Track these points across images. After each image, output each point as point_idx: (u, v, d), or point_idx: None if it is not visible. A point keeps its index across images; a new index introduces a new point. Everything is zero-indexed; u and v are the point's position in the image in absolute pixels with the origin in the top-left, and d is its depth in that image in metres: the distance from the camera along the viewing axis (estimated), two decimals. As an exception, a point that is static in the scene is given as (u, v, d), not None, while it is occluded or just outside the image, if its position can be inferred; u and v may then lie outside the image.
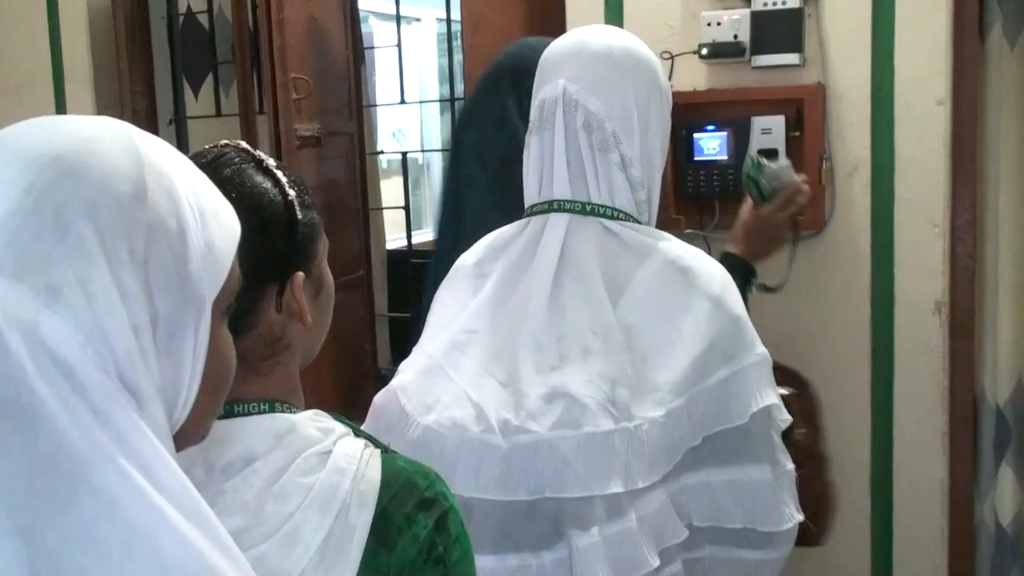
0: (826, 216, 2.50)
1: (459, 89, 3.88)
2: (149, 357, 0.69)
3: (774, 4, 2.44)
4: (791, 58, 2.45)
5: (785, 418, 1.36)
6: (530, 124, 1.43)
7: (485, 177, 1.81)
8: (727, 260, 1.80)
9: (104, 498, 0.64)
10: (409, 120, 7.01)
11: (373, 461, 0.96)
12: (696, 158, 2.56)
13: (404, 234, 4.15)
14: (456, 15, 3.50)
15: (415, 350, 1.44)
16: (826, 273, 2.50)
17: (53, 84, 3.57)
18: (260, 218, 0.99)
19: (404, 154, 4.25)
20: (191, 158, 1.00)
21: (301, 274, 1.01)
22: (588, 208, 1.37)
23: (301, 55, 3.22)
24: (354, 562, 0.92)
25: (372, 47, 4.53)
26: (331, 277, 1.10)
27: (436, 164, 7.28)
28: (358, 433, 1.00)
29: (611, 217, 1.38)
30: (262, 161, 1.03)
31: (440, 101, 6.87)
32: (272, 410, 1.00)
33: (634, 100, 1.38)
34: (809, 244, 2.49)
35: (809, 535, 1.44)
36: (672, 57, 2.58)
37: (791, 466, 1.36)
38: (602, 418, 1.25)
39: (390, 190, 4.56)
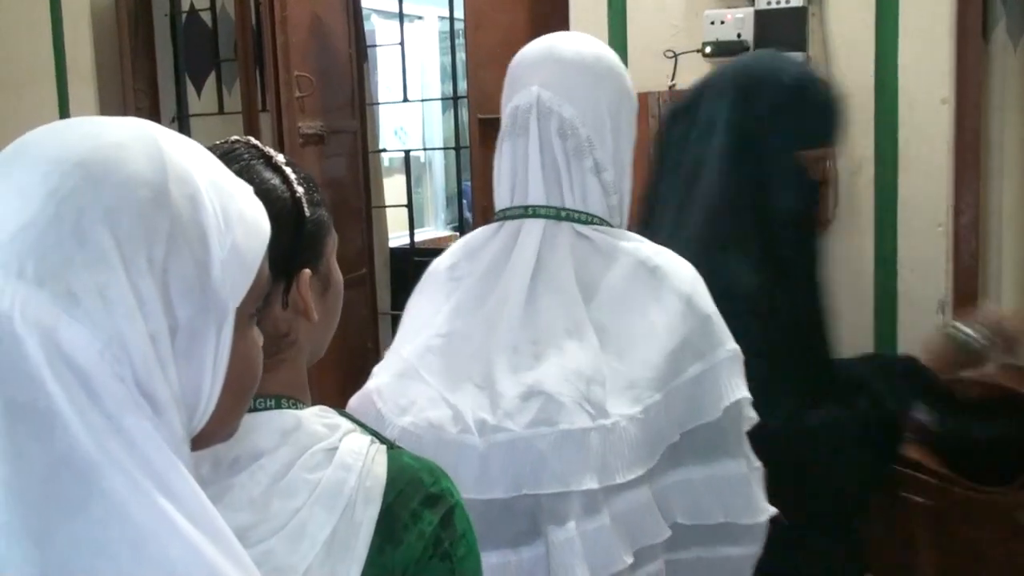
0: (830, 214, 2.49)
1: (461, 87, 3.88)
2: (167, 364, 0.69)
3: (778, 3, 2.44)
4: (794, 57, 2.44)
5: (751, 416, 1.37)
6: (501, 130, 1.43)
7: (675, 178, 1.77)
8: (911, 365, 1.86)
9: (114, 504, 0.64)
10: (411, 118, 7.02)
11: (379, 457, 0.96)
12: (699, 156, 2.56)
13: (407, 232, 4.16)
14: (459, 13, 3.50)
15: (388, 353, 1.43)
16: (829, 271, 2.50)
17: (56, 82, 3.58)
18: (267, 215, 0.97)
19: (407, 152, 4.26)
20: None
21: (308, 271, 1.01)
22: (563, 214, 1.38)
23: (304, 53, 3.23)
24: (360, 558, 0.91)
25: (374, 45, 4.54)
26: (340, 274, 1.09)
27: (438, 162, 7.29)
28: (364, 429, 1.00)
29: (584, 222, 1.39)
30: (271, 157, 1.02)
31: (442, 99, 6.88)
32: (279, 406, 1.00)
33: (606, 106, 1.39)
34: (812, 243, 2.50)
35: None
36: (676, 56, 2.58)
37: (759, 463, 1.38)
38: (578, 415, 1.25)
39: (392, 188, 4.56)
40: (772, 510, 1.37)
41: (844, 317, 2.49)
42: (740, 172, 1.69)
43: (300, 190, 1.01)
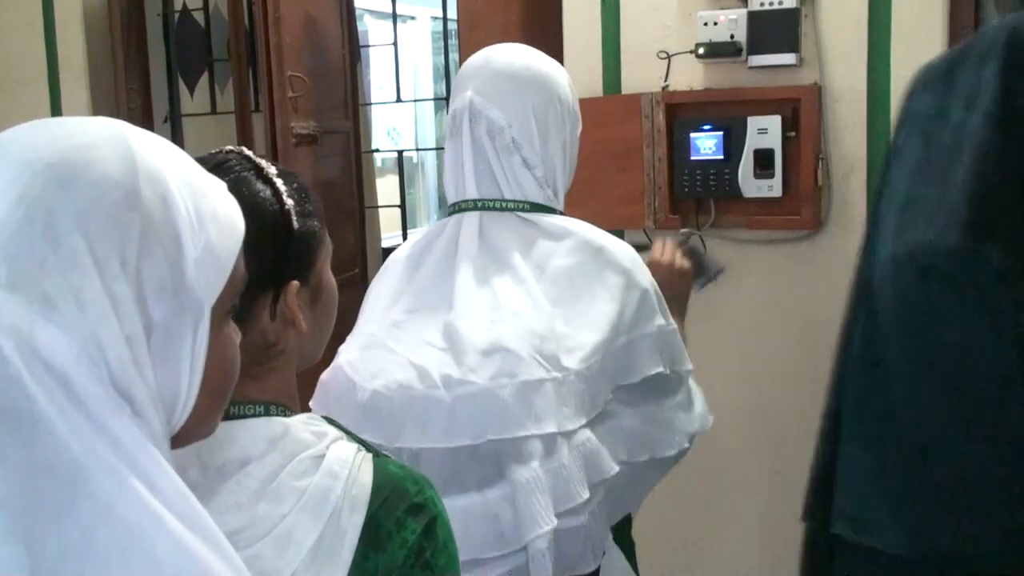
0: (822, 216, 2.50)
1: (455, 88, 3.88)
2: (144, 364, 0.70)
3: (771, 4, 2.44)
4: (788, 58, 2.45)
5: (681, 373, 1.59)
6: (445, 132, 1.59)
7: (921, 153, 1.57)
8: None
9: (101, 504, 0.65)
10: (403, 118, 7.02)
11: (365, 465, 0.97)
12: (692, 158, 2.57)
13: (399, 232, 4.16)
14: (452, 14, 3.50)
15: (352, 334, 1.54)
16: (822, 273, 2.51)
17: (48, 81, 3.57)
18: (254, 227, 0.95)
19: (400, 152, 4.26)
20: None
21: (296, 283, 1.02)
22: (502, 204, 1.53)
23: (297, 53, 3.22)
24: (344, 564, 0.93)
25: (368, 45, 4.54)
26: (333, 283, 1.11)
27: (430, 162, 7.29)
28: (350, 437, 1.01)
29: (526, 210, 1.53)
30: (262, 169, 1.03)
31: (435, 100, 6.88)
32: (267, 413, 1.01)
33: (532, 110, 1.53)
34: (805, 244, 2.50)
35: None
36: (669, 57, 2.58)
37: (680, 398, 1.59)
38: (534, 368, 1.39)
39: (385, 188, 4.56)
40: (685, 444, 1.59)
41: (836, 319, 2.50)
42: (1010, 149, 1.45)
43: (290, 202, 1.02)
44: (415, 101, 6.64)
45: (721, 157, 2.54)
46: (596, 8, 2.70)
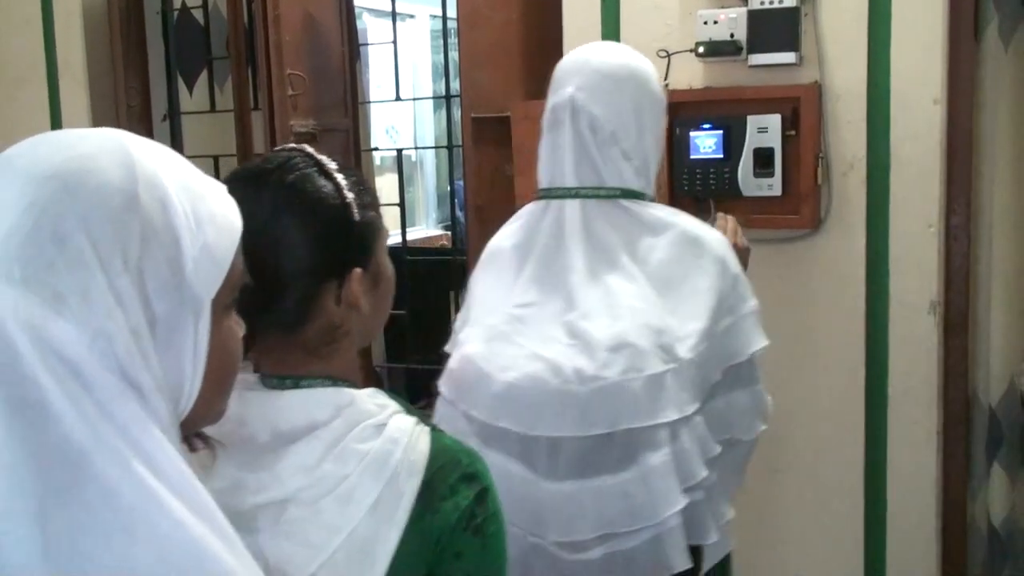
0: (822, 215, 2.50)
1: (454, 86, 3.88)
2: (149, 355, 0.75)
3: (771, 3, 2.44)
4: (787, 57, 2.45)
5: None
6: (543, 125, 1.69)
7: None
8: None
9: (106, 487, 0.70)
10: (402, 117, 7.01)
11: (423, 436, 1.06)
12: (692, 156, 2.57)
13: (398, 230, 4.15)
14: (451, 12, 3.50)
15: (471, 325, 1.66)
16: (821, 271, 2.51)
17: (47, 80, 3.56)
18: (320, 221, 1.09)
19: (399, 151, 4.25)
20: (261, 161, 1.14)
21: (359, 270, 1.11)
22: (603, 192, 1.64)
23: (297, 51, 3.22)
24: (400, 522, 1.02)
25: (367, 44, 4.53)
26: (391, 269, 1.19)
27: (429, 161, 7.28)
28: (409, 411, 1.10)
29: (626, 196, 1.65)
30: (324, 165, 1.11)
31: (434, 98, 6.87)
32: (334, 385, 1.10)
33: (630, 105, 1.65)
34: (804, 243, 2.50)
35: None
36: (669, 55, 2.58)
37: (759, 386, 1.71)
38: (656, 361, 1.53)
39: (384, 187, 4.56)
40: (762, 427, 1.72)
41: (835, 317, 2.51)
42: None
43: (350, 196, 1.10)
44: (414, 100, 6.62)
45: (721, 156, 2.54)
46: (596, 6, 2.70)
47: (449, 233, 6.10)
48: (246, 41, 3.36)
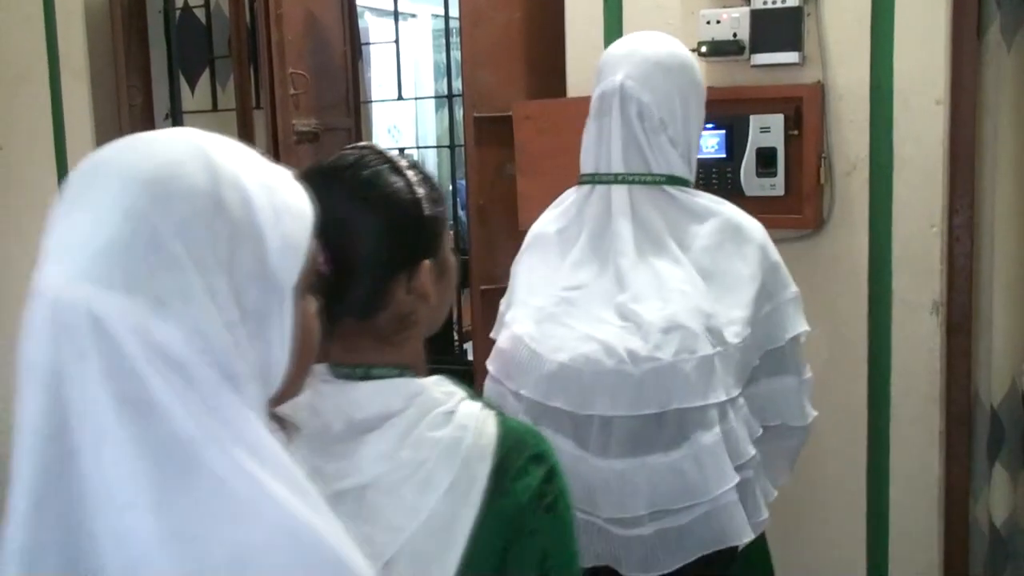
0: (824, 215, 2.50)
1: (456, 86, 3.87)
2: (243, 346, 0.80)
3: (774, 3, 2.44)
4: (790, 57, 2.45)
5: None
6: (590, 111, 1.73)
7: None
8: None
9: (216, 476, 0.75)
10: (404, 116, 7.01)
11: (489, 420, 1.12)
12: (694, 156, 2.56)
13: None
14: (453, 11, 3.50)
15: (516, 307, 1.69)
16: (824, 271, 2.51)
17: (49, 78, 3.56)
18: (392, 215, 1.15)
19: (401, 150, 4.25)
20: (336, 159, 1.19)
21: (428, 261, 1.17)
22: (649, 179, 1.68)
23: (299, 50, 3.22)
24: (475, 504, 1.08)
25: (369, 43, 4.53)
26: (454, 261, 1.25)
27: (431, 160, 7.28)
28: (474, 396, 1.16)
29: (672, 183, 1.69)
30: (395, 162, 1.18)
31: (436, 97, 6.87)
32: (403, 375, 1.15)
33: (677, 94, 1.70)
34: (807, 242, 2.50)
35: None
36: (671, 55, 2.57)
37: (810, 375, 1.75)
38: (706, 343, 1.57)
39: (386, 186, 4.54)
40: (814, 413, 1.77)
41: (838, 317, 2.50)
42: None
43: (420, 191, 1.17)
44: (416, 99, 6.63)
45: (723, 156, 2.53)
46: (598, 6, 2.70)
47: (451, 232, 6.09)
48: (248, 40, 3.36)
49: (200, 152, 0.82)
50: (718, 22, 2.48)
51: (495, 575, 1.11)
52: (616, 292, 1.63)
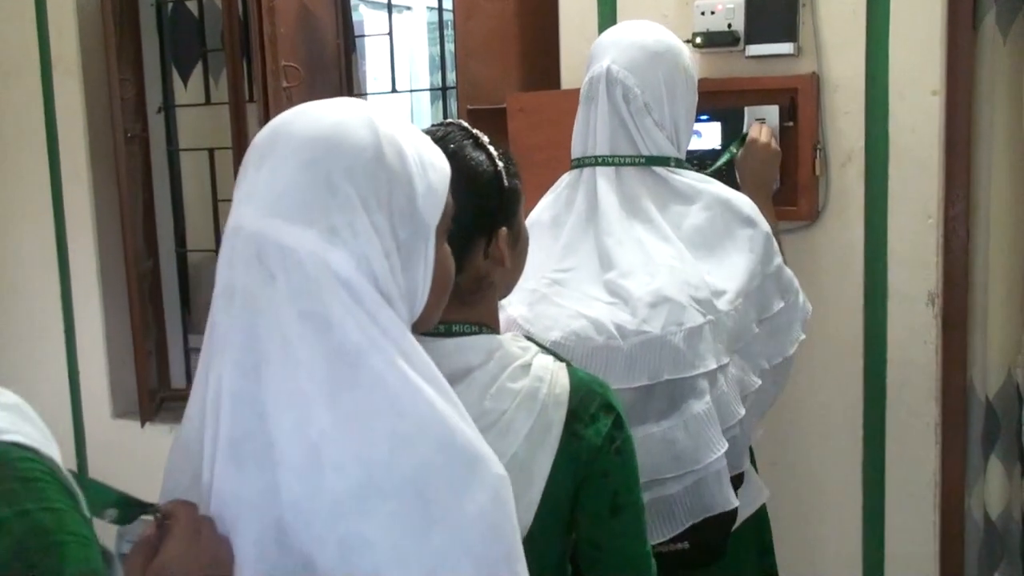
0: (819, 206, 2.49)
1: (451, 78, 3.86)
2: (396, 273, 0.97)
3: (768, -7, 2.42)
4: (785, 48, 2.44)
5: (803, 304, 1.88)
6: (580, 98, 1.81)
7: None
8: None
9: (377, 377, 0.92)
10: (399, 109, 6.99)
11: (561, 371, 1.24)
12: (689, 147, 2.55)
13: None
14: (447, 3, 3.48)
15: (512, 292, 1.73)
16: (819, 263, 2.50)
17: (40, 72, 3.54)
18: (475, 185, 1.26)
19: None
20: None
21: (505, 229, 1.27)
22: (638, 160, 1.75)
23: (292, 43, 3.20)
24: (551, 448, 1.20)
25: (362, 35, 4.51)
26: (527, 230, 1.36)
27: (426, 153, 7.26)
28: (545, 350, 1.27)
29: (661, 164, 1.75)
30: (478, 138, 1.29)
31: (431, 90, 6.85)
32: (481, 332, 1.28)
33: (662, 77, 1.76)
34: (802, 234, 2.49)
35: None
36: (666, 46, 2.56)
37: (792, 299, 1.84)
38: (694, 314, 1.63)
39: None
40: (792, 349, 1.86)
41: (833, 309, 2.50)
42: None
43: (500, 164, 1.28)
44: (411, 91, 6.60)
45: (718, 147, 2.52)
46: (592, -3, 2.68)
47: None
48: (241, 33, 3.34)
49: (363, 115, 0.99)
50: (712, 13, 2.47)
51: (570, 512, 1.23)
52: (605, 270, 1.68)
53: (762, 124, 2.10)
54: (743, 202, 1.77)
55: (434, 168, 1.03)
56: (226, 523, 0.93)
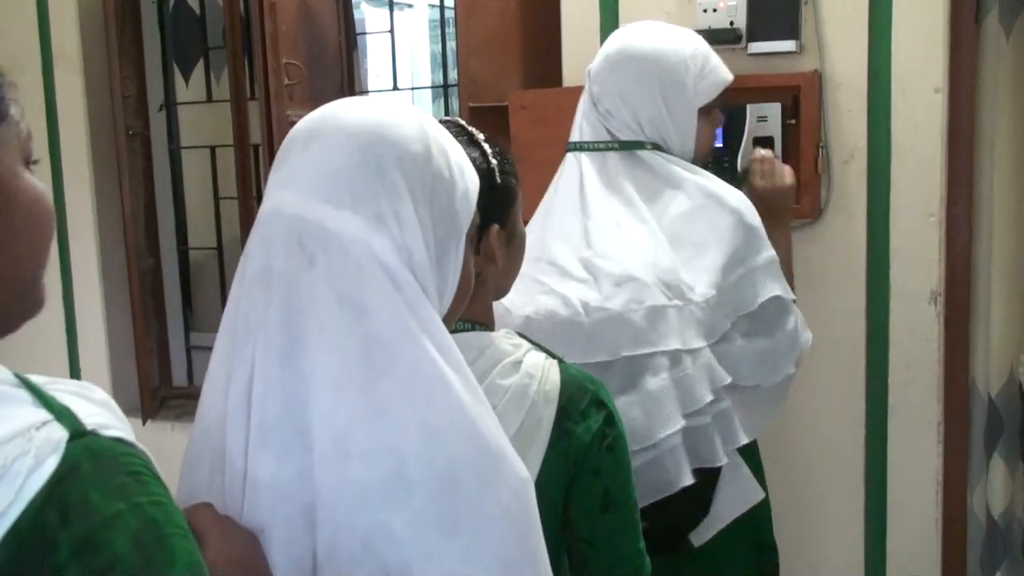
0: (822, 204, 2.49)
1: (452, 75, 3.85)
2: (432, 266, 0.98)
3: (771, -10, 2.42)
4: (788, 45, 2.43)
5: (790, 302, 1.83)
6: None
7: None
8: None
9: (412, 366, 0.92)
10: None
11: (553, 368, 1.23)
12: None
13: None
14: (449, 1, 3.48)
15: None
16: (822, 261, 2.50)
17: (42, 69, 3.54)
18: None
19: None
20: None
21: (497, 226, 1.26)
22: (612, 145, 1.83)
23: (293, 41, 3.20)
24: (542, 444, 1.19)
25: (364, 33, 4.50)
26: (524, 229, 1.37)
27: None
28: (538, 347, 1.27)
29: (638, 148, 1.82)
30: (473, 135, 1.29)
31: (432, 88, 6.85)
32: (474, 329, 1.27)
33: (617, 88, 1.84)
34: (805, 232, 2.49)
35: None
36: (668, 44, 2.56)
37: (791, 331, 1.82)
38: (659, 295, 1.66)
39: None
40: (791, 371, 1.83)
41: (836, 307, 2.49)
42: None
43: (494, 162, 1.28)
44: (412, 89, 6.59)
45: (720, 145, 2.51)
46: (595, -6, 2.68)
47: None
48: (242, 30, 3.34)
49: (410, 111, 1.01)
50: (715, 10, 2.46)
51: (563, 509, 1.23)
52: (583, 249, 1.73)
53: (763, 155, 2.07)
54: (733, 195, 1.79)
55: (468, 172, 1.05)
56: (260, 508, 0.92)
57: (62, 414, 0.70)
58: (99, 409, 0.74)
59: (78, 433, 0.69)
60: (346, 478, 0.90)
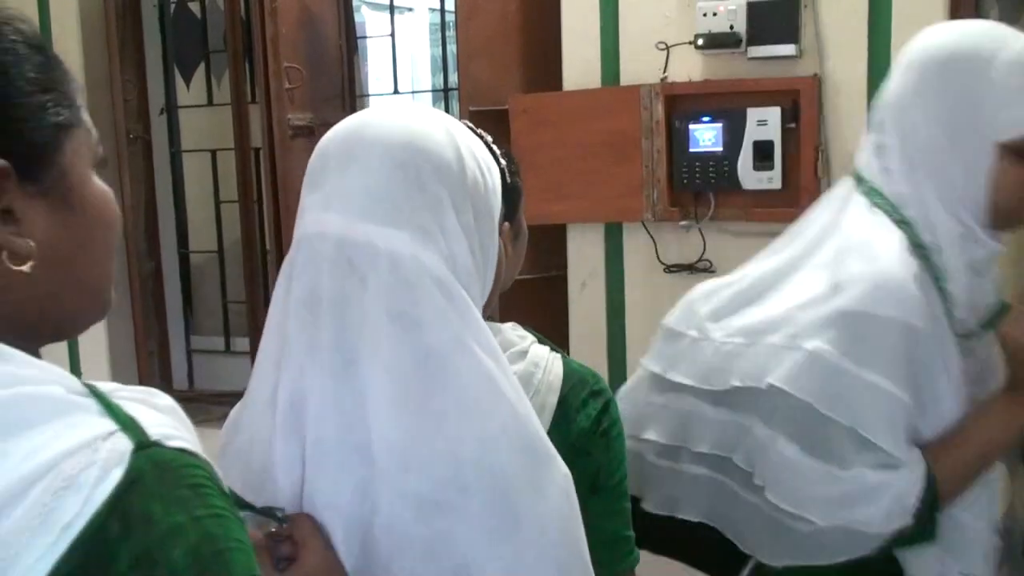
0: (821, 208, 2.49)
1: (452, 79, 3.86)
2: (477, 270, 1.01)
3: (770, -5, 2.42)
4: (787, 49, 2.44)
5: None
6: None
7: None
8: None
9: (465, 379, 0.94)
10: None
11: (556, 360, 1.26)
12: (691, 150, 2.55)
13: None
14: (449, 5, 3.49)
15: None
16: (821, 265, 2.49)
17: (43, 72, 3.54)
18: None
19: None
20: None
21: (507, 224, 1.27)
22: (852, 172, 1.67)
23: (294, 44, 3.20)
24: (544, 428, 1.19)
25: (365, 37, 4.51)
26: (526, 226, 1.41)
27: (428, 155, 7.27)
28: (542, 340, 1.30)
29: (858, 181, 1.62)
30: (482, 137, 1.29)
31: (433, 91, 6.86)
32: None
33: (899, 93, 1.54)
34: (804, 236, 2.49)
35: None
36: (667, 48, 2.57)
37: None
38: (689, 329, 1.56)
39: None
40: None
41: (836, 311, 2.49)
42: None
43: (503, 163, 1.29)
44: (413, 93, 6.60)
45: (720, 149, 2.52)
46: (595, -2, 2.68)
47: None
48: (243, 34, 3.35)
49: (442, 124, 1.03)
50: (715, 14, 2.47)
51: None
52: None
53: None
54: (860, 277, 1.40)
55: (495, 170, 1.08)
56: (320, 523, 0.96)
57: (127, 424, 0.69)
58: (164, 418, 0.74)
59: (143, 444, 0.69)
60: (405, 491, 0.92)
